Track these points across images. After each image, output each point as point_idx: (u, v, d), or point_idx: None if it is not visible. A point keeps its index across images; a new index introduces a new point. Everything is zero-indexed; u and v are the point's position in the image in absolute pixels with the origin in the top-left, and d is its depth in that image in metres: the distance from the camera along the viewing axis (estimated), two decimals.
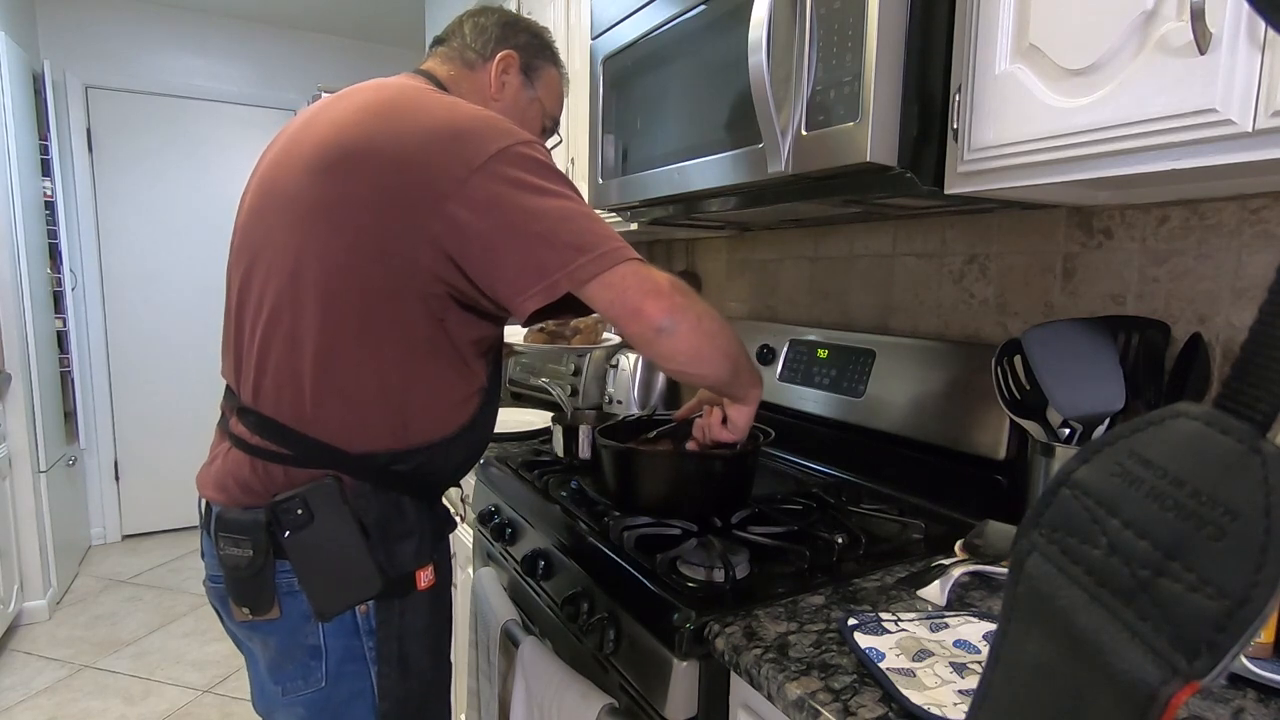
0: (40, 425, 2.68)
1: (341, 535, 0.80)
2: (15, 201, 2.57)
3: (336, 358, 0.80)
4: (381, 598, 0.84)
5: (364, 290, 0.79)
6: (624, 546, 0.95)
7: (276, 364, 0.82)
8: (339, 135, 0.80)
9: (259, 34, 3.62)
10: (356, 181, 0.78)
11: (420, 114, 0.80)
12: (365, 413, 0.82)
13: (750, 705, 0.75)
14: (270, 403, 0.83)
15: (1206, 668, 0.21)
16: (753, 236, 1.75)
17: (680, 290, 0.82)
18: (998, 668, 0.29)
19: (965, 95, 0.81)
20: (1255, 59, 0.58)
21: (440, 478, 0.91)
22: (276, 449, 0.82)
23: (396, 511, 0.85)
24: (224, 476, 0.85)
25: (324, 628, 0.83)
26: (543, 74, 1.05)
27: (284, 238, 0.82)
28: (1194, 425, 0.24)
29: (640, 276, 0.79)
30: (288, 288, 0.81)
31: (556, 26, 1.84)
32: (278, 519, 0.80)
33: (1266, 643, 0.67)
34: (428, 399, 0.85)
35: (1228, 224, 0.91)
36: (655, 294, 0.79)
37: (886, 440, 1.25)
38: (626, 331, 0.81)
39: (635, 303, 0.79)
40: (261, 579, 0.81)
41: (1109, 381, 0.90)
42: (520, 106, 1.03)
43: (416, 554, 0.87)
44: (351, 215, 0.78)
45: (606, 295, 0.79)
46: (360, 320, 0.80)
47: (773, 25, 0.90)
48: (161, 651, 2.50)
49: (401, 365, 0.82)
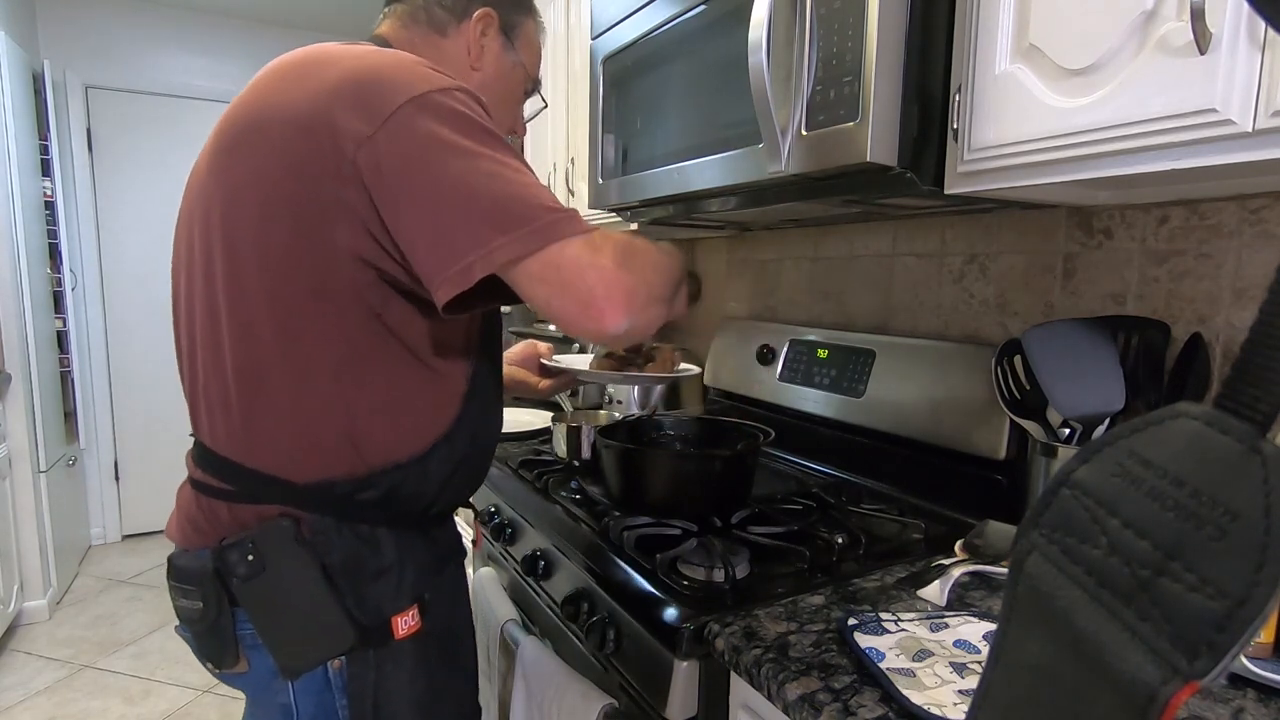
0: (40, 425, 2.68)
1: (301, 583, 0.69)
2: (15, 201, 2.57)
3: (259, 373, 0.69)
4: (353, 650, 0.72)
5: (279, 289, 0.67)
6: (624, 546, 0.95)
7: (205, 385, 0.72)
8: (237, 110, 0.70)
9: (259, 34, 3.62)
10: (257, 158, 0.66)
11: (325, 68, 0.66)
12: (305, 435, 0.70)
13: (750, 705, 0.75)
14: (206, 430, 0.73)
15: (1206, 668, 0.21)
16: (753, 236, 1.75)
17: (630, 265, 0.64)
18: (998, 668, 0.29)
19: (965, 95, 0.81)
20: (1255, 59, 0.58)
21: (424, 502, 0.78)
22: (217, 483, 0.72)
23: (368, 547, 0.73)
24: (180, 515, 0.76)
25: (294, 686, 0.73)
26: (522, 30, 0.89)
27: (197, 238, 0.71)
28: (1194, 425, 0.24)
29: (582, 265, 0.61)
30: (205, 297, 0.71)
31: (556, 26, 1.84)
32: (226, 565, 0.69)
33: (1266, 643, 0.67)
34: (380, 412, 0.72)
35: (1228, 224, 0.91)
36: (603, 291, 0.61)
37: (886, 440, 1.25)
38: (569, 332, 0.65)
39: (579, 304, 0.62)
40: (219, 631, 0.71)
41: (1109, 381, 0.90)
42: (504, 75, 0.88)
43: (395, 595, 0.74)
44: (257, 198, 0.66)
45: (537, 290, 0.63)
46: (278, 326, 0.67)
47: (773, 25, 0.90)
48: (161, 651, 2.50)
49: (338, 375, 0.69)
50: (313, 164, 0.64)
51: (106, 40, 3.31)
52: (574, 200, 1.79)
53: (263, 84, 0.70)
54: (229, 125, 0.70)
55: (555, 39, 1.84)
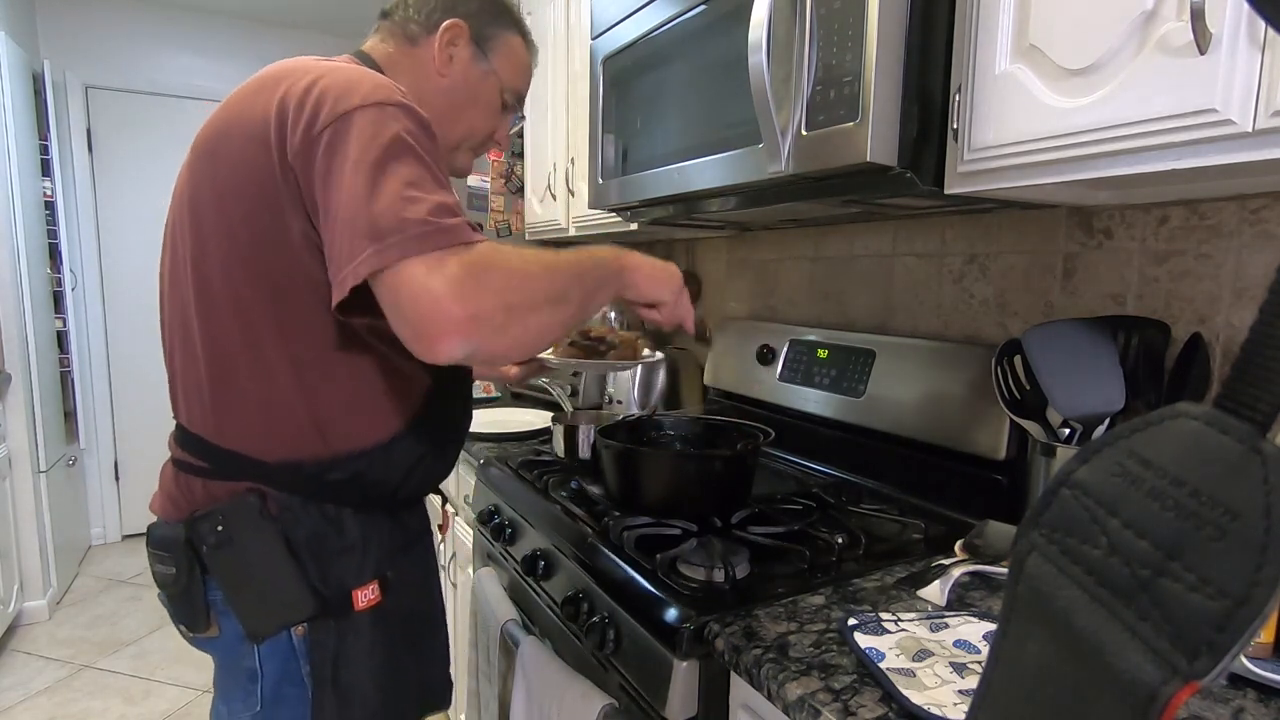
0: (40, 425, 2.68)
1: (266, 554, 0.74)
2: (15, 201, 2.57)
3: (226, 363, 0.74)
4: (315, 619, 0.77)
5: (241, 287, 0.72)
6: (624, 546, 0.95)
7: (183, 371, 0.79)
8: (212, 119, 0.76)
9: (259, 34, 3.62)
10: (224, 164, 0.72)
11: (282, 82, 0.71)
12: (270, 420, 0.75)
13: (750, 705, 0.75)
14: (184, 413, 0.80)
15: (1206, 668, 0.21)
16: (753, 236, 1.75)
17: (472, 287, 0.61)
18: (998, 668, 0.29)
19: (965, 95, 0.81)
20: (1255, 59, 0.58)
21: (387, 488, 0.82)
22: (194, 461, 0.78)
23: (333, 526, 0.78)
24: (162, 491, 0.83)
25: (259, 649, 0.78)
26: (499, 43, 0.91)
27: (177, 237, 0.78)
28: (1194, 425, 0.24)
29: (415, 291, 0.60)
30: (181, 292, 0.77)
31: (556, 26, 1.84)
32: (197, 535, 0.75)
33: (1266, 643, 0.67)
34: (343, 402, 0.77)
35: (1228, 224, 0.91)
36: (432, 319, 0.60)
37: (886, 440, 1.25)
38: (414, 354, 0.64)
39: (414, 334, 0.62)
40: (190, 596, 0.77)
41: (1109, 381, 0.90)
42: (471, 83, 0.90)
43: (358, 571, 0.79)
44: (222, 202, 0.72)
45: (388, 312, 0.63)
46: (240, 322, 0.73)
47: (773, 25, 0.90)
48: (161, 651, 2.50)
49: (298, 367, 0.74)
50: (264, 171, 0.69)
51: (106, 40, 3.32)
52: (574, 200, 1.79)
53: (235, 95, 0.75)
54: (203, 133, 0.76)
55: (555, 39, 1.84)
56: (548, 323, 0.70)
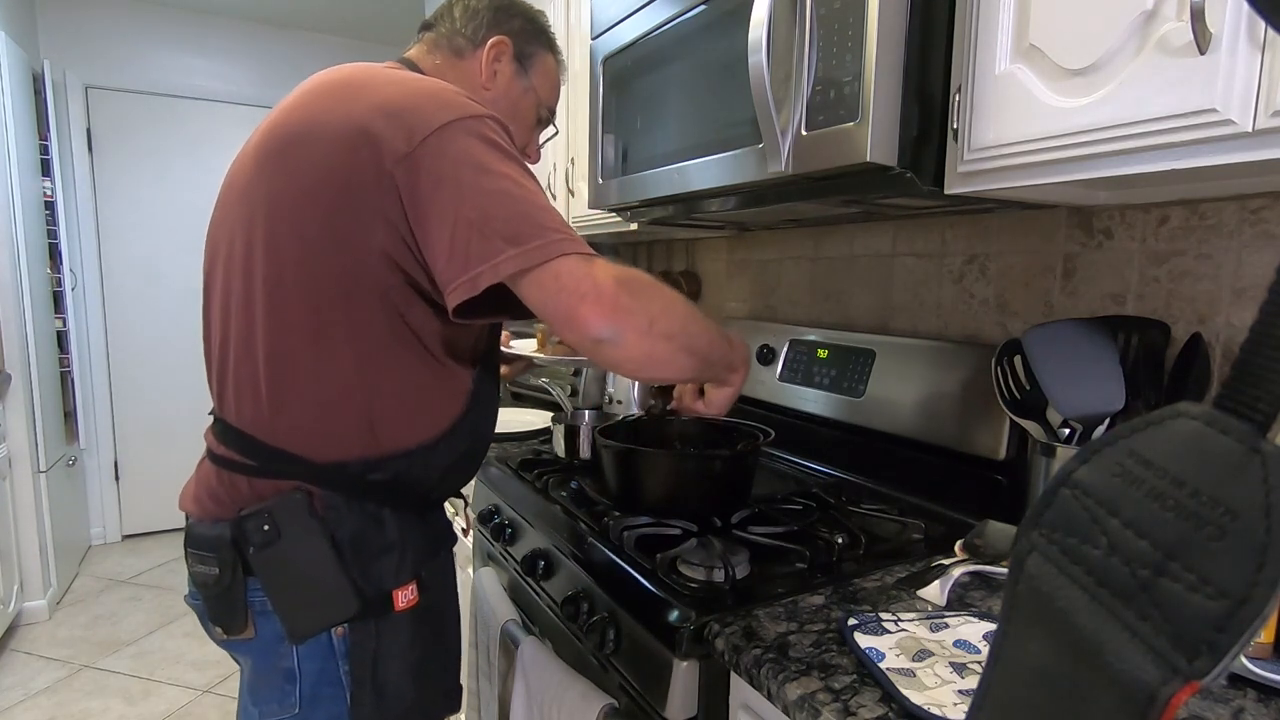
0: (40, 425, 2.68)
1: (311, 552, 0.75)
2: (15, 201, 2.57)
3: (289, 359, 0.75)
4: (356, 619, 0.78)
5: (314, 284, 0.74)
6: (624, 546, 0.95)
7: (235, 368, 0.79)
8: (285, 119, 0.77)
9: (259, 34, 3.62)
10: (302, 166, 0.73)
11: (368, 90, 0.74)
12: (327, 418, 0.77)
13: (750, 705, 0.75)
14: (233, 409, 0.79)
15: (1206, 668, 0.21)
16: (753, 236, 1.75)
17: (629, 289, 0.71)
18: (998, 668, 0.29)
19: (965, 95, 0.81)
20: (1255, 59, 0.58)
21: (425, 488, 0.85)
22: (240, 459, 0.78)
23: (374, 525, 0.79)
24: (199, 488, 0.82)
25: (298, 650, 0.79)
26: (538, 61, 0.97)
27: (238, 233, 0.78)
28: (1194, 425, 0.24)
29: (577, 276, 0.68)
30: (242, 287, 0.77)
31: (556, 27, 1.82)
32: (243, 534, 0.75)
33: (1266, 643, 0.67)
34: (397, 402, 0.79)
35: (1228, 224, 0.91)
36: (594, 298, 0.68)
37: (886, 440, 1.25)
38: (564, 339, 0.71)
39: (569, 307, 0.68)
40: (231, 597, 0.77)
41: (1109, 381, 0.90)
42: (513, 97, 0.95)
43: (396, 571, 0.81)
44: (300, 202, 0.73)
45: (538, 296, 0.69)
46: (311, 317, 0.75)
47: (773, 25, 0.90)
48: (161, 651, 2.50)
49: (362, 366, 0.76)
50: (354, 176, 0.71)
51: (106, 40, 3.31)
52: (574, 200, 1.79)
53: (308, 99, 0.77)
54: (273, 133, 0.77)
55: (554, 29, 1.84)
56: (676, 357, 0.75)
